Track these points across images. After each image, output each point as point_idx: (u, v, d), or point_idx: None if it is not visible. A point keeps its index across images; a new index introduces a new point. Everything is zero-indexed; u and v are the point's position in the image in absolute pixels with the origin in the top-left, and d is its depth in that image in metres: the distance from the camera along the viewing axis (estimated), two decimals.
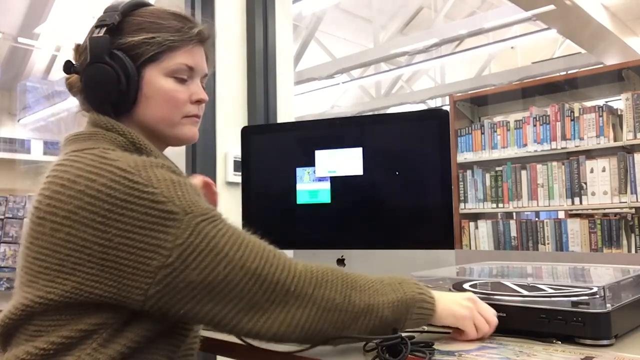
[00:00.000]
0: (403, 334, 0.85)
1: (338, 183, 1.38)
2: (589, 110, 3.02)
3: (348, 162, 1.37)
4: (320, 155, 1.40)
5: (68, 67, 0.93)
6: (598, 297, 0.89)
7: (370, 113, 10.40)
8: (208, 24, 0.98)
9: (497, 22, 6.96)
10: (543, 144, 3.17)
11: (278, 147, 1.49)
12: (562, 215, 3.41)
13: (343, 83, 10.11)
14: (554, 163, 3.10)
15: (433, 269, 1.24)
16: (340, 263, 1.40)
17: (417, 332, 0.94)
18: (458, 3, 9.39)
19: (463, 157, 3.47)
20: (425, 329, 0.96)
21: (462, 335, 0.93)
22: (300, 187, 1.41)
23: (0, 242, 1.97)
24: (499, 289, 1.04)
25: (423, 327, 0.95)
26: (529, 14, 5.91)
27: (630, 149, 2.89)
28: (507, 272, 1.43)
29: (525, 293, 1.00)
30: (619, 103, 3.00)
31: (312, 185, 1.40)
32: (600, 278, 1.24)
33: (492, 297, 1.00)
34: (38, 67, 11.32)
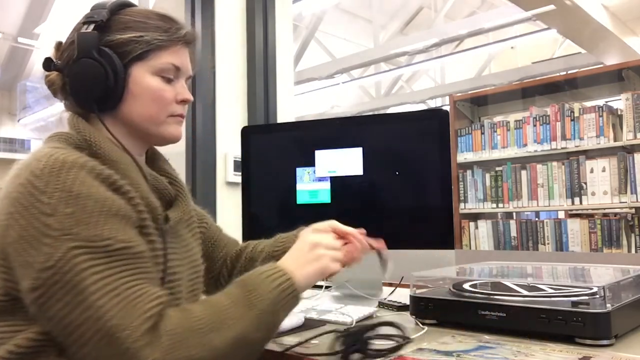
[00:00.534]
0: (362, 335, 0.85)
1: (338, 183, 1.38)
2: (589, 110, 3.02)
3: (348, 162, 1.37)
4: (320, 155, 1.40)
5: (48, 64, 0.93)
6: (598, 297, 0.89)
7: (370, 113, 10.40)
8: (193, 28, 0.98)
9: (497, 22, 6.96)
10: (543, 144, 3.17)
11: (278, 147, 1.49)
12: (562, 215, 3.41)
13: (343, 83, 10.10)
14: (554, 163, 3.10)
15: (433, 269, 1.24)
16: None
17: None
18: (458, 3, 9.40)
19: (463, 157, 3.47)
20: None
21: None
22: (300, 187, 1.41)
23: None
24: (499, 289, 1.04)
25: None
26: (529, 14, 5.91)
27: (630, 149, 2.89)
28: (507, 272, 1.43)
29: (526, 293, 1.00)
30: (619, 103, 3.00)
31: (312, 186, 1.40)
32: (600, 278, 1.24)
33: (492, 297, 1.00)
34: (38, 67, 11.30)
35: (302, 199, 1.40)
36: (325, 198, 1.39)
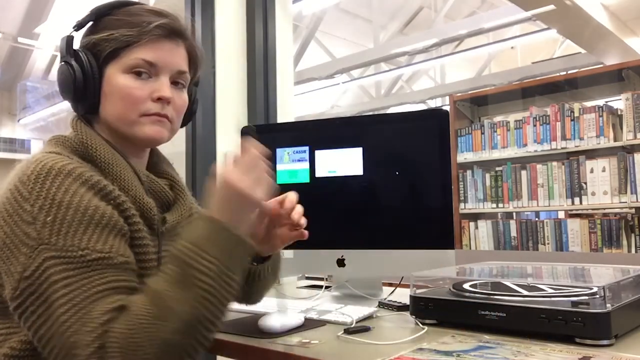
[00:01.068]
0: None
1: (338, 183, 1.38)
2: (589, 110, 3.02)
3: (348, 162, 1.37)
4: (320, 155, 1.40)
5: None
6: (598, 297, 0.89)
7: (370, 113, 10.40)
8: (178, 18, 0.92)
9: (497, 22, 6.96)
10: (543, 144, 3.17)
11: (277, 147, 1.49)
12: (562, 215, 3.42)
13: (343, 83, 10.11)
14: (554, 163, 3.10)
15: (433, 269, 1.24)
16: (341, 263, 1.40)
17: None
18: (458, 3, 9.39)
19: (463, 157, 3.47)
20: None
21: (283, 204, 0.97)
22: (280, 167, 1.42)
23: None
24: (499, 289, 1.04)
25: None
26: (529, 14, 5.90)
27: (630, 149, 2.89)
28: (507, 272, 1.43)
29: (526, 293, 1.00)
30: (619, 103, 3.00)
31: (291, 166, 1.42)
32: (600, 278, 1.24)
33: (492, 297, 1.00)
34: (38, 67, 11.32)
35: (281, 179, 1.40)
36: (305, 178, 1.38)
